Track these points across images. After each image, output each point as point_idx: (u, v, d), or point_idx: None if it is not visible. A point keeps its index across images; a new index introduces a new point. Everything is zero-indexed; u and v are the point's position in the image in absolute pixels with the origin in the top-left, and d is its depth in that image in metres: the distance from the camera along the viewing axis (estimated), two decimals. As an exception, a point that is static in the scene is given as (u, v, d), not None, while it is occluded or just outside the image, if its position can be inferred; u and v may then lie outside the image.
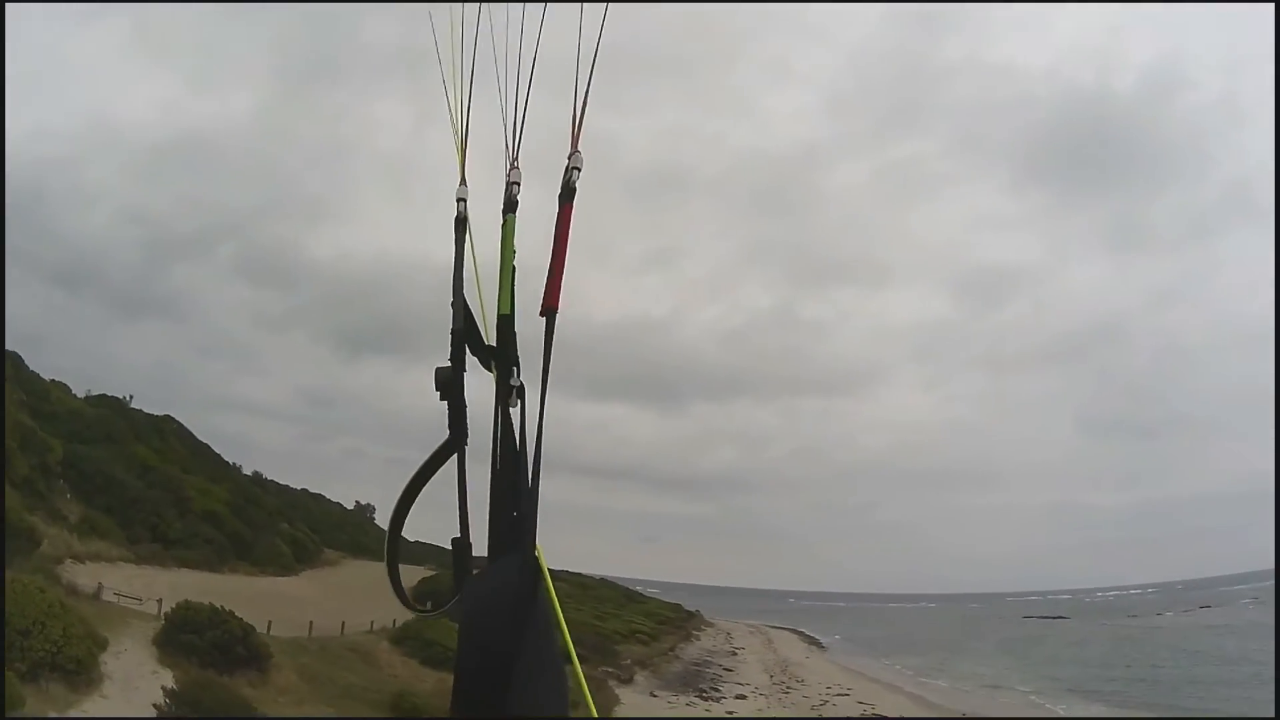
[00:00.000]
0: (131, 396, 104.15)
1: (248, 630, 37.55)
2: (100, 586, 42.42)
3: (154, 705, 28.45)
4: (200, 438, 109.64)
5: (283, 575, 74.68)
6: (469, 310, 3.43)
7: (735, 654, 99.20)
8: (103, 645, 32.91)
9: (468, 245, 3.56)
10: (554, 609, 2.73)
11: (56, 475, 65.82)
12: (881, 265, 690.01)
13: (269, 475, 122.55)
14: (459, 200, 3.70)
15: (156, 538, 66.46)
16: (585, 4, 3.21)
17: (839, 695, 65.97)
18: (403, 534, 3.41)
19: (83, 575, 44.92)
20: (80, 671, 29.41)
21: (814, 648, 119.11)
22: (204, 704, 28.41)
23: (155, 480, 75.86)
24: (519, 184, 3.51)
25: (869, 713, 57.64)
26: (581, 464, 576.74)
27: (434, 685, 40.91)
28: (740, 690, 67.30)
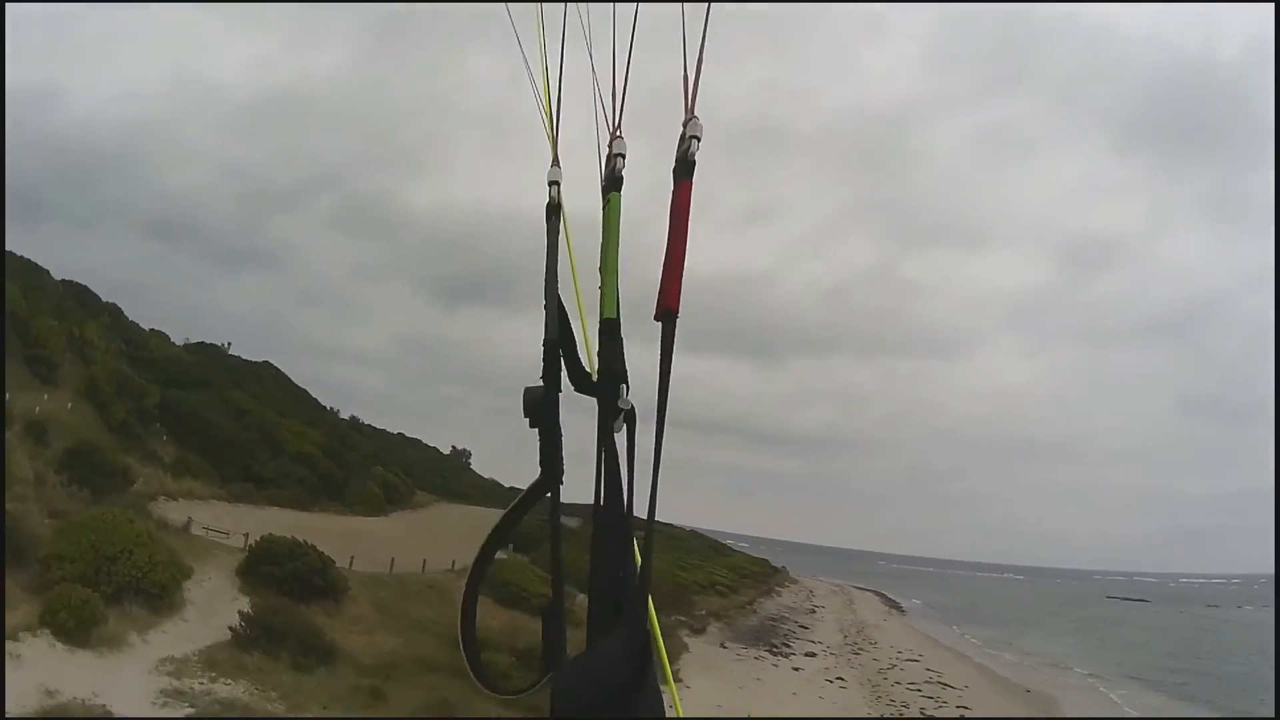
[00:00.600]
0: (229, 343, 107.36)
1: (326, 563, 39.27)
2: (189, 521, 44.39)
3: (229, 628, 30.20)
4: (298, 384, 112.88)
5: (372, 516, 76.71)
6: (565, 315, 2.97)
7: (814, 612, 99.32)
8: (187, 574, 34.98)
9: (563, 237, 3.11)
10: (668, 690, 2.39)
11: (153, 419, 68.49)
12: (980, 228, 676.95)
13: (366, 420, 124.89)
14: (551, 184, 3.27)
15: (249, 478, 68.82)
16: None
17: (908, 660, 65.90)
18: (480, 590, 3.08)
19: (174, 511, 46.93)
20: (163, 596, 31.33)
21: (893, 611, 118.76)
22: (275, 627, 30.05)
23: (250, 423, 78.40)
24: (624, 156, 3.03)
25: (935, 679, 57.54)
26: (678, 416, 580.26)
27: (504, 622, 42.03)
28: (811, 649, 67.30)
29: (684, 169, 2.76)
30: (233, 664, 27.08)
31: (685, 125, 2.75)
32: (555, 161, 3.28)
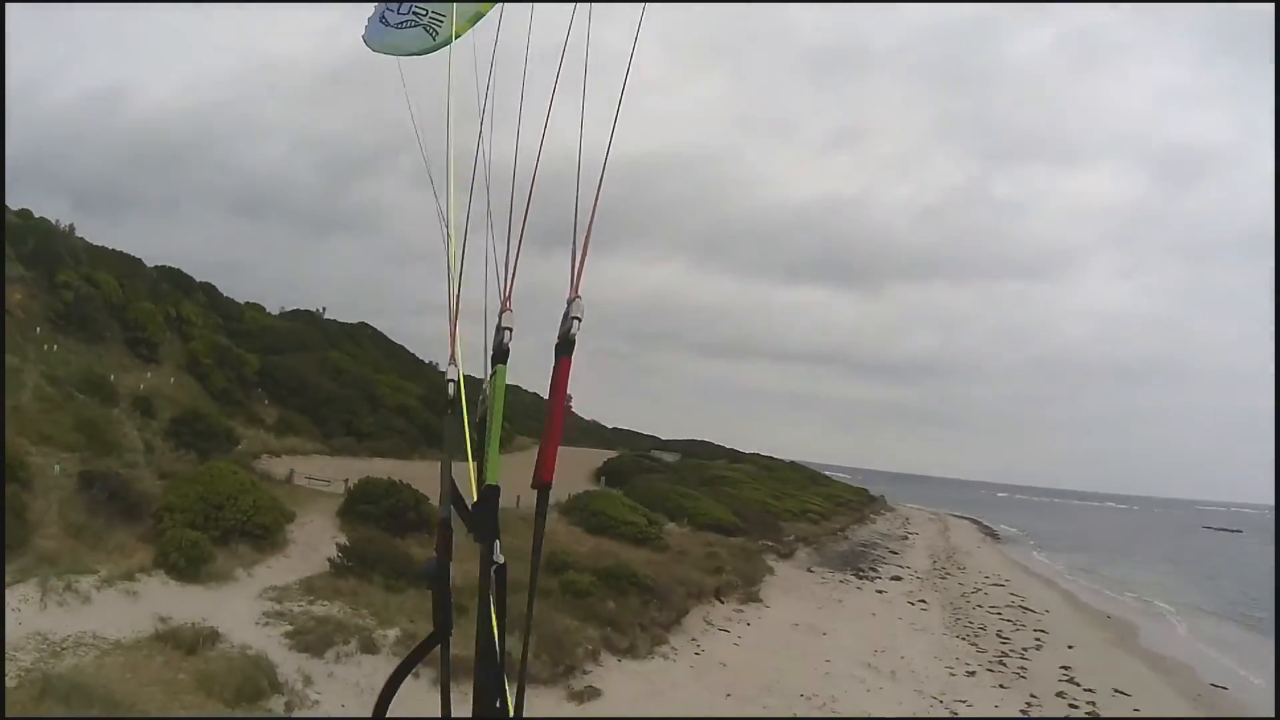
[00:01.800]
0: (324, 309, 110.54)
1: (420, 499, 41.73)
2: (292, 473, 47.37)
3: (328, 559, 32.94)
4: (395, 341, 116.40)
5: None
6: (458, 493, 3.55)
7: (906, 538, 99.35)
8: (290, 518, 37.76)
9: (469, 423, 3.77)
10: None
11: (253, 385, 72.15)
12: (1070, 142, 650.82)
13: (466, 373, 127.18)
14: (449, 381, 3.71)
15: (350, 432, 72.14)
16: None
17: (993, 585, 65.99)
18: None
19: (278, 466, 49.87)
20: (266, 536, 34.23)
21: (988, 538, 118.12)
22: (369, 554, 32.68)
23: (348, 381, 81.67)
24: (511, 330, 3.41)
25: (1017, 604, 57.57)
26: (784, 349, 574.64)
27: (591, 548, 44.00)
28: (898, 573, 67.72)
29: (565, 347, 3.11)
30: (329, 589, 29.72)
31: (569, 304, 3.13)
32: (453, 359, 3.67)
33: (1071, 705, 33.88)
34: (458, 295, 3.70)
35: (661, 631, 35.34)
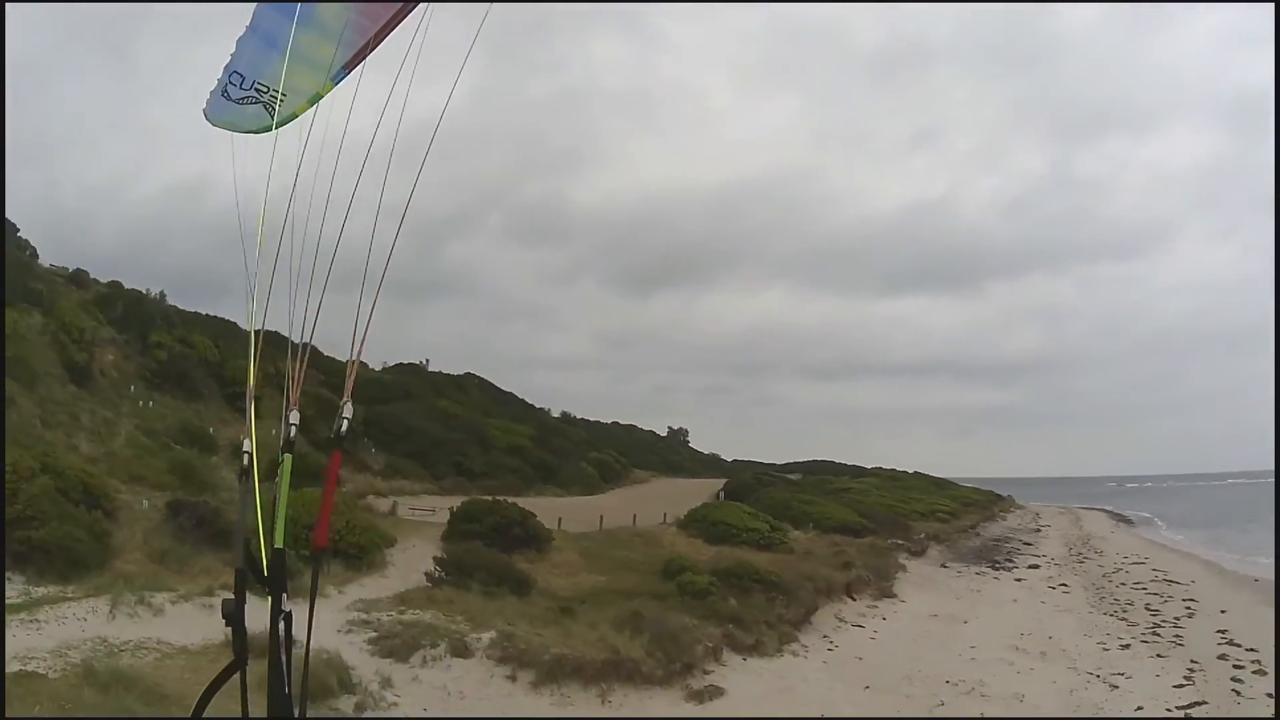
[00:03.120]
0: (428, 360, 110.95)
1: (526, 515, 40.36)
2: (395, 504, 46.54)
3: (425, 574, 31.54)
4: (504, 389, 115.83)
5: (587, 495, 78.22)
6: (250, 551, 4.43)
7: (1039, 530, 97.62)
8: (390, 542, 36.70)
9: (255, 494, 4.62)
10: None
11: (358, 434, 71.77)
12: (1140, 105, 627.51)
13: (578, 416, 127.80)
14: (245, 453, 4.71)
15: (460, 473, 71.33)
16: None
17: (1134, 564, 63.71)
18: None
19: (384, 505, 48.97)
20: (361, 557, 32.94)
21: (1120, 524, 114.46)
22: (466, 563, 31.23)
23: (456, 426, 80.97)
24: (296, 425, 4.44)
25: (1160, 578, 55.04)
26: (889, 363, 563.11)
27: (711, 555, 42.47)
28: (1034, 561, 66.18)
29: (336, 441, 4.30)
30: (423, 598, 28.13)
31: (343, 406, 4.13)
32: (249, 435, 4.65)
33: (1236, 665, 31.25)
34: (253, 374, 4.79)
35: (790, 629, 33.16)
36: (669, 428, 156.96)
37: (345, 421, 4.23)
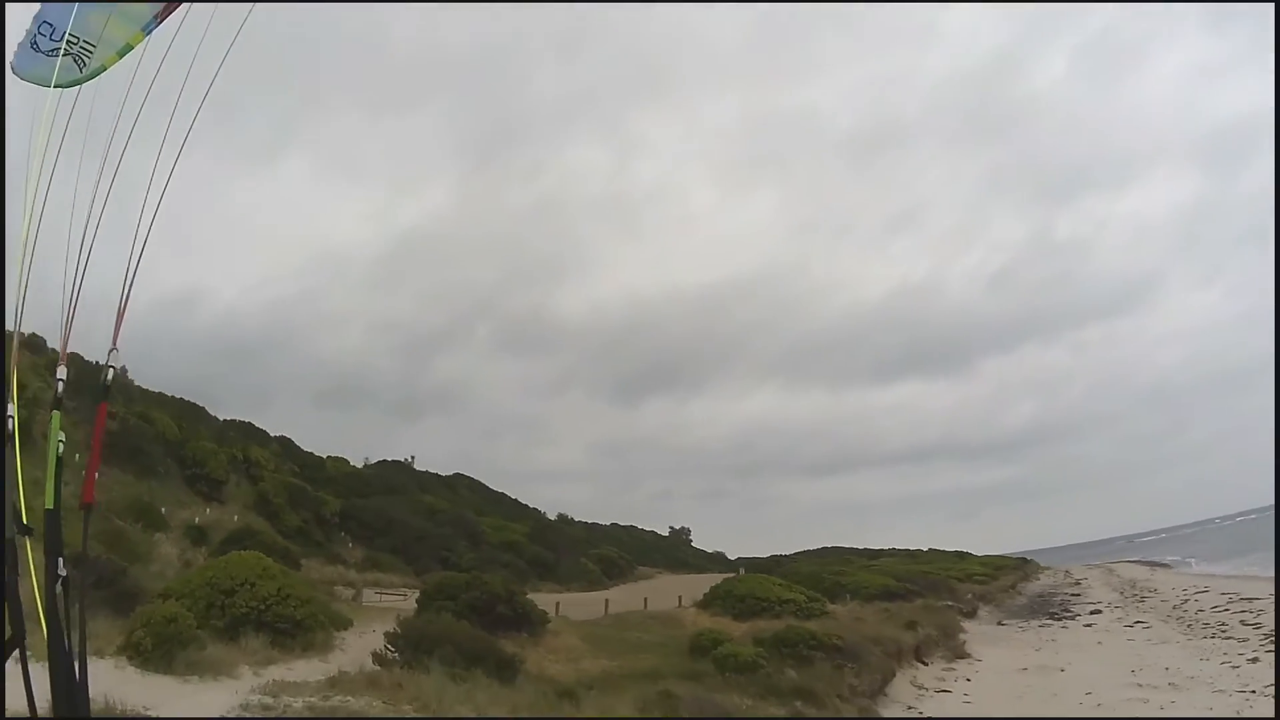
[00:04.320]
0: (413, 457, 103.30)
1: (513, 592, 32.50)
2: (359, 590, 38.75)
3: (372, 652, 23.38)
4: (496, 489, 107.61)
5: (590, 590, 70.11)
6: (19, 515, 4.15)
7: (1078, 583, 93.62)
8: (343, 624, 29.42)
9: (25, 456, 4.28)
10: None
11: (334, 525, 64.27)
12: (1114, 158, 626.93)
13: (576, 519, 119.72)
14: (8, 418, 4.29)
15: (447, 567, 63.26)
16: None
17: (1197, 594, 60.75)
18: None
19: (350, 591, 41.86)
20: (295, 635, 25.29)
21: (1156, 568, 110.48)
22: (428, 639, 22.93)
23: (444, 520, 73.43)
24: (64, 380, 4.32)
25: (1235, 598, 52.04)
26: (887, 452, 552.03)
27: (746, 629, 34.99)
28: (1093, 607, 62.31)
29: (103, 392, 4.42)
30: (362, 682, 19.64)
31: (109, 355, 4.15)
32: (12, 398, 4.23)
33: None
34: (17, 330, 4.29)
35: (867, 701, 26.31)
36: (670, 528, 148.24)
37: (113, 370, 4.00)
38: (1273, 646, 33.75)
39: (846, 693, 25.24)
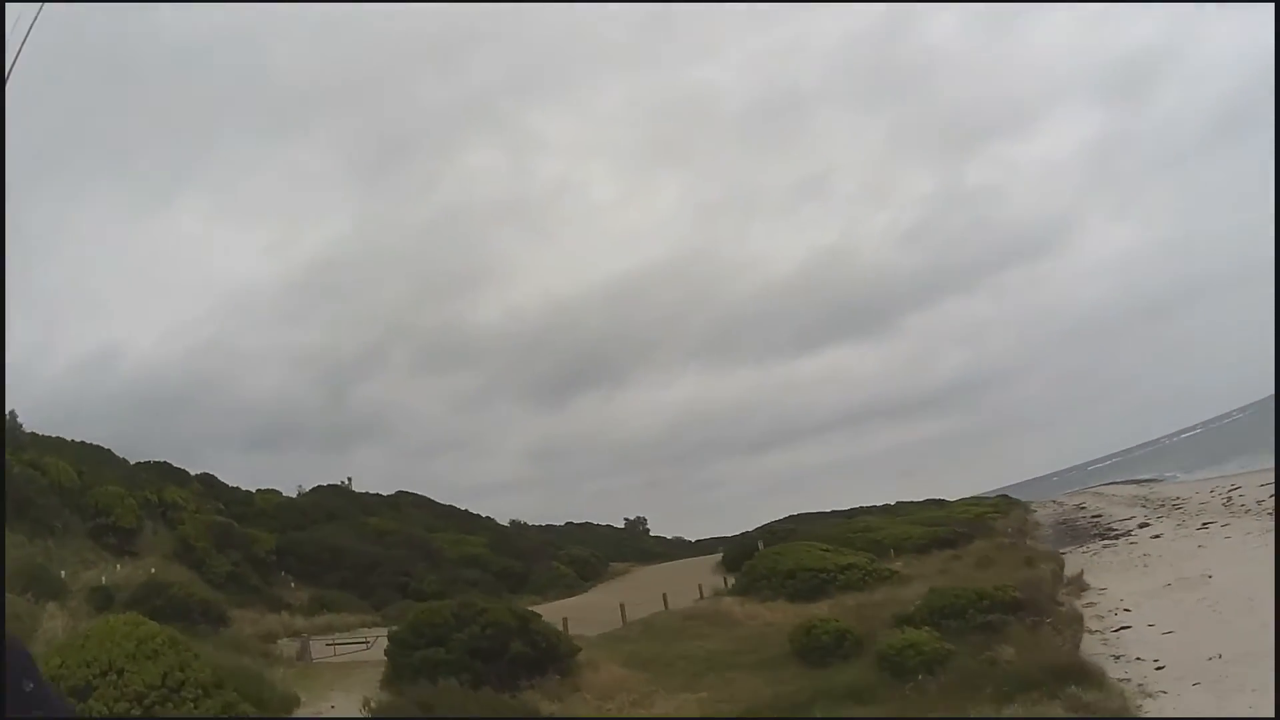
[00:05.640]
0: (350, 479, 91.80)
1: (527, 618, 22.04)
2: (306, 642, 27.94)
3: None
4: (444, 503, 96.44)
5: (571, 596, 59.83)
6: None
7: (1082, 508, 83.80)
8: (289, 704, 18.84)
9: None
10: None
11: (271, 566, 53.16)
12: (1019, 102, 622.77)
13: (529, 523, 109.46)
14: None
15: (408, 595, 52.65)
16: None
17: (1227, 491, 53.15)
18: None
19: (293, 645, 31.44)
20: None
21: (1150, 484, 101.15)
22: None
23: (395, 543, 62.83)
24: None
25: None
26: (823, 420, 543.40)
27: (829, 610, 25.21)
28: (1141, 520, 52.98)
29: None
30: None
31: None
32: None
33: None
34: None
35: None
36: (625, 519, 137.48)
37: None
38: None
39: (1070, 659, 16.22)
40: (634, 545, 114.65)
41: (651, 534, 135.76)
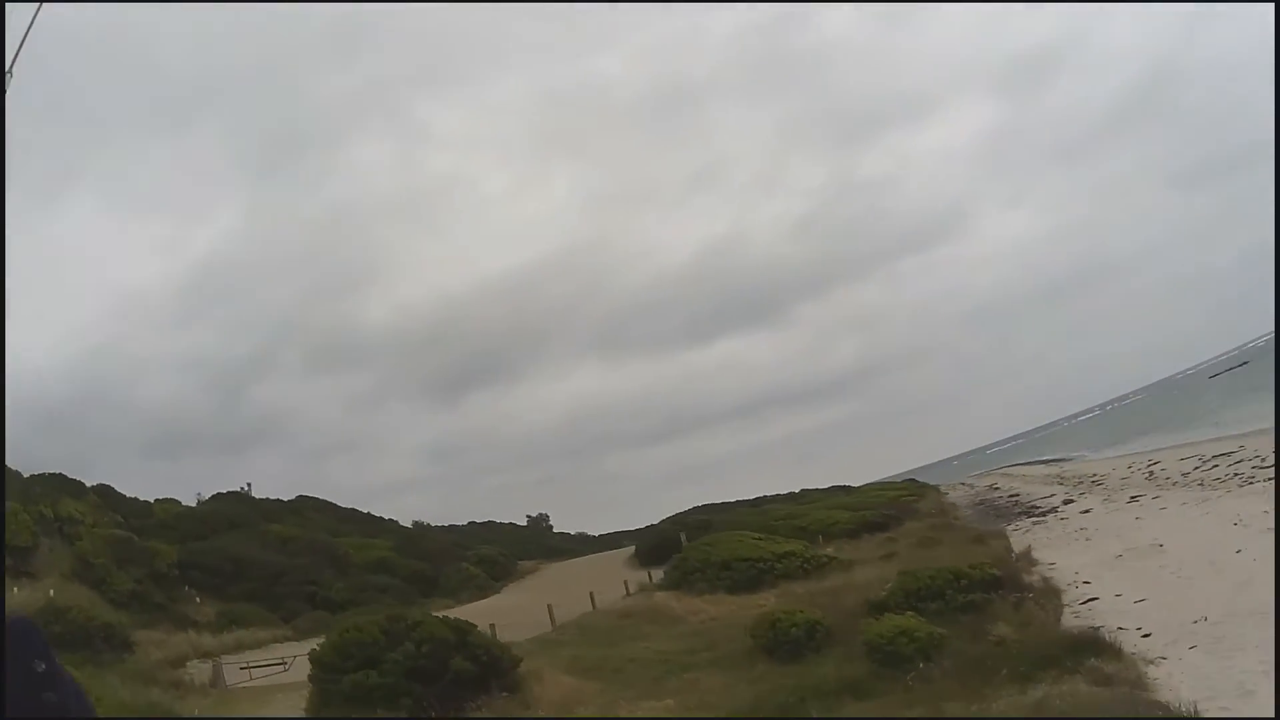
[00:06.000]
0: (250, 485, 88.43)
1: (464, 628, 20.14)
2: (218, 667, 25.74)
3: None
4: (346, 507, 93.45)
5: (484, 598, 57.92)
6: None
7: (996, 488, 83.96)
8: None
9: None
10: None
11: (175, 581, 50.19)
12: (912, 94, 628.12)
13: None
14: None
15: (318, 605, 50.25)
16: None
17: (1147, 466, 54.75)
18: None
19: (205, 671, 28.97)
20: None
21: (1060, 463, 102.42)
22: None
23: (299, 550, 60.03)
24: None
25: (1200, 459, 47.31)
26: (718, 410, 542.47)
27: (780, 600, 23.66)
28: (1064, 498, 52.75)
29: None
30: None
31: None
32: None
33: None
34: None
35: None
36: (528, 516, 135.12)
37: None
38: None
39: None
40: (539, 542, 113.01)
41: (555, 530, 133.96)
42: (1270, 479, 32.04)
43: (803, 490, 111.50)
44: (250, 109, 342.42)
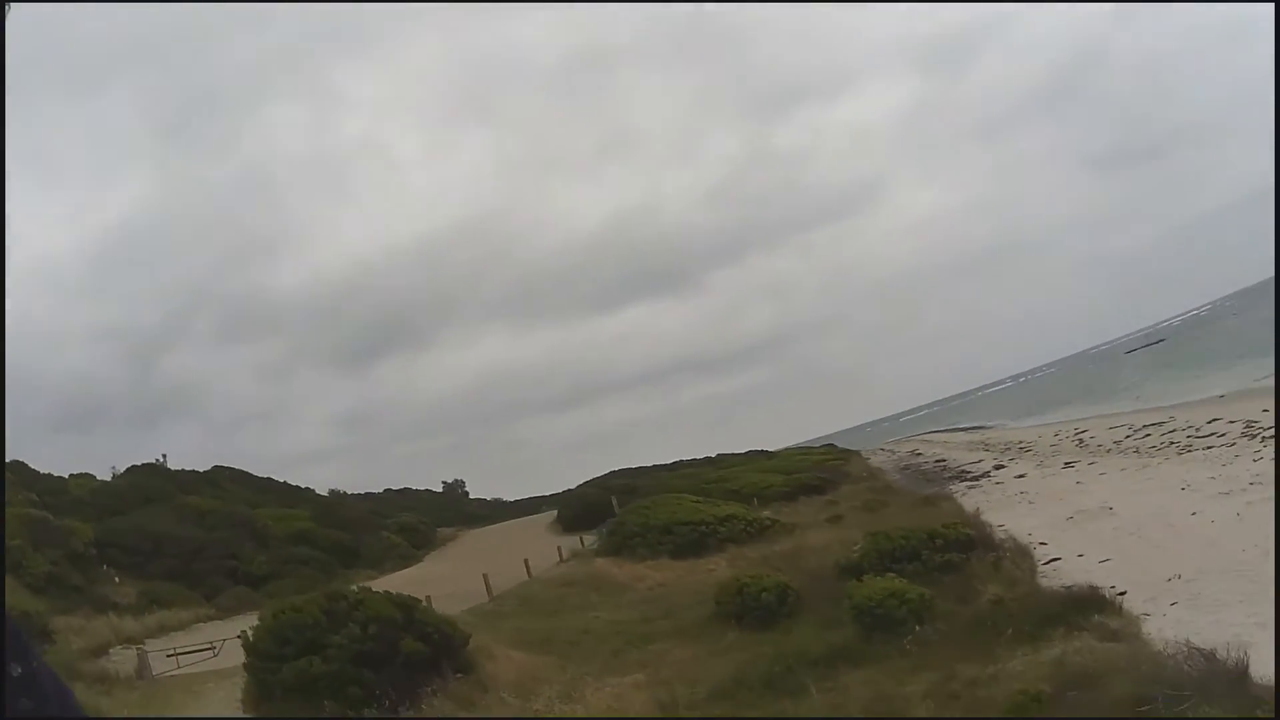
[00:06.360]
0: (165, 456, 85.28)
1: (409, 603, 18.91)
2: (143, 655, 24.13)
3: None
4: (262, 476, 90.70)
5: (408, 566, 56.53)
6: None
7: (919, 454, 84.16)
8: None
9: None
10: None
11: (93, 561, 47.87)
12: (832, 70, 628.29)
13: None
14: None
15: (239, 580, 48.44)
16: None
17: (1078, 433, 55.29)
18: None
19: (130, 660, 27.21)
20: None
21: (981, 430, 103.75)
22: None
23: (217, 523, 57.74)
24: None
25: (1131, 428, 47.37)
26: (631, 375, 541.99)
27: (737, 567, 22.92)
28: (994, 463, 53.31)
29: None
30: None
31: None
32: None
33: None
34: None
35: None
36: (443, 483, 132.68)
37: None
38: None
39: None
40: (456, 509, 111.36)
41: (471, 496, 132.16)
42: (1208, 448, 32.47)
43: (719, 455, 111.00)
44: (161, 72, 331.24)
